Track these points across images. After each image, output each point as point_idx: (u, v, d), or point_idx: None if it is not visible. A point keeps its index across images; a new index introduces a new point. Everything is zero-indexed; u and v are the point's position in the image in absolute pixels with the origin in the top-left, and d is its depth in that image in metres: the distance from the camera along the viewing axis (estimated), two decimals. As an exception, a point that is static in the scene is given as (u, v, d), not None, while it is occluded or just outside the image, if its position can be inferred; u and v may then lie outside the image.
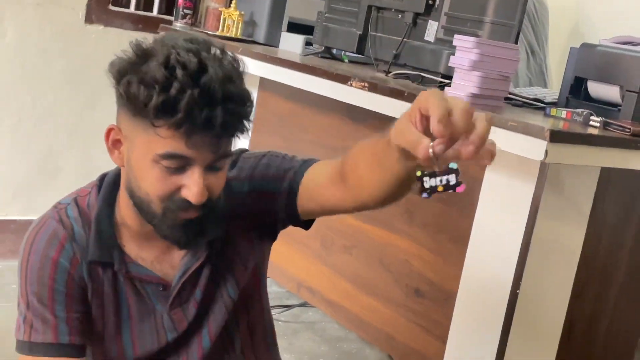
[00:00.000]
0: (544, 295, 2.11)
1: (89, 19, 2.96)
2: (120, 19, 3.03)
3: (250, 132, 2.94)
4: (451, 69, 2.09)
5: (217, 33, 2.85)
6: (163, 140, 1.26)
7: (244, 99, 1.30)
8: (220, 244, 1.50)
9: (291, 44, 2.76)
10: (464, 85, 2.04)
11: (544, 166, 1.96)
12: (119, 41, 3.03)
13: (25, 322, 1.36)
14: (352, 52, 2.64)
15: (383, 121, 2.17)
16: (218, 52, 1.30)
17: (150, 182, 1.31)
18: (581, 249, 2.12)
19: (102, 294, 1.41)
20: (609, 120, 2.01)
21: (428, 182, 1.06)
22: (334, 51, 2.75)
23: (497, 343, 2.07)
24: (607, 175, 2.09)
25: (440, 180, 1.06)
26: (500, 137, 1.86)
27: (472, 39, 2.02)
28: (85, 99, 3.03)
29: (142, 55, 1.27)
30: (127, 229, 1.42)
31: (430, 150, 0.98)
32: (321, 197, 1.45)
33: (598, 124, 2.00)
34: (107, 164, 3.27)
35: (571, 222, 2.11)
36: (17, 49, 2.86)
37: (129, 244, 1.43)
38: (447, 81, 2.15)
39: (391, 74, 2.36)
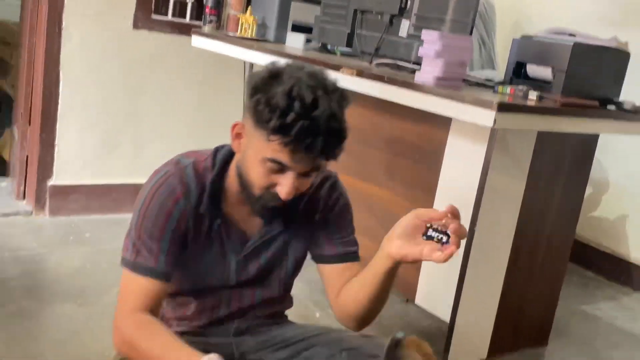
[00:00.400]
0: (494, 232, 2.09)
1: (136, 26, 2.93)
2: (160, 25, 2.99)
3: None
4: (420, 58, 2.05)
5: (237, 34, 2.82)
6: (272, 150, 1.28)
7: (342, 135, 1.31)
8: (294, 226, 1.52)
9: (295, 41, 2.73)
10: (430, 70, 1.99)
11: (493, 131, 1.93)
12: (159, 42, 3.00)
13: (133, 247, 1.34)
14: (343, 47, 2.61)
15: (368, 100, 2.19)
16: (331, 88, 1.30)
17: (256, 174, 1.33)
18: (522, 195, 2.11)
19: (198, 238, 1.42)
20: (543, 94, 1.99)
21: (431, 232, 1.26)
22: (329, 46, 2.72)
23: (459, 268, 2.05)
24: (542, 137, 2.07)
25: (438, 236, 1.26)
26: (459, 110, 1.87)
27: (436, 33, 1.99)
28: (135, 88, 2.99)
29: (273, 78, 1.29)
30: (230, 194, 1.43)
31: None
32: (325, 278, 1.56)
33: (535, 97, 1.97)
34: (154, 139, 3.28)
35: (515, 174, 2.08)
36: (81, 49, 2.83)
37: (228, 204, 1.44)
38: (417, 67, 2.10)
39: (374, 63, 2.33)
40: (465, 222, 1.99)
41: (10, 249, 2.50)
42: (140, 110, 3.03)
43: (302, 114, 1.25)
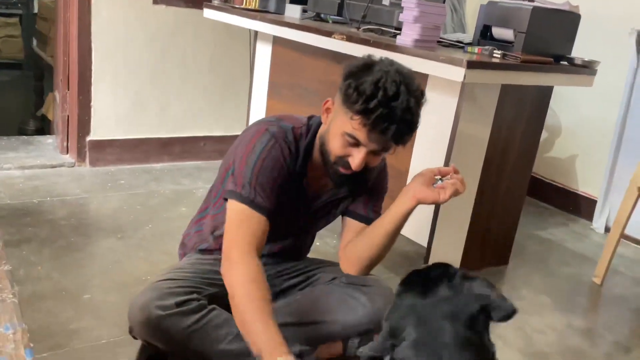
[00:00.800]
0: (464, 170, 2.02)
1: (155, 1, 2.85)
2: (176, 0, 2.92)
3: (269, 72, 2.89)
4: (401, 23, 2.01)
5: (242, 6, 2.75)
6: (352, 127, 1.30)
7: (413, 126, 1.33)
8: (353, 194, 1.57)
9: (292, 11, 2.65)
10: (409, 34, 1.96)
11: (463, 85, 1.91)
12: (176, 15, 2.92)
13: (251, 187, 1.34)
14: (334, 15, 2.55)
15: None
16: (413, 86, 1.31)
17: (335, 144, 1.35)
18: (488, 138, 2.09)
19: (287, 189, 1.43)
20: (506, 53, 1.95)
21: (438, 182, 1.43)
22: (322, 15, 2.65)
23: None
24: (505, 90, 2.04)
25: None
26: (434, 67, 1.84)
27: (414, 1, 1.93)
28: (157, 55, 2.93)
29: (365, 69, 1.31)
30: (313, 157, 1.46)
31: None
32: (345, 229, 1.60)
33: (499, 56, 1.94)
34: (175, 98, 3.24)
35: (481, 121, 2.06)
36: (109, 23, 2.76)
37: (311, 166, 1.47)
38: (398, 32, 2.06)
39: (361, 28, 2.28)
40: (440, 162, 2.01)
41: (58, 195, 2.50)
42: (162, 74, 2.97)
43: (383, 103, 1.26)
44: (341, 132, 1.33)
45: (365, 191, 1.56)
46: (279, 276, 1.58)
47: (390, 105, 1.26)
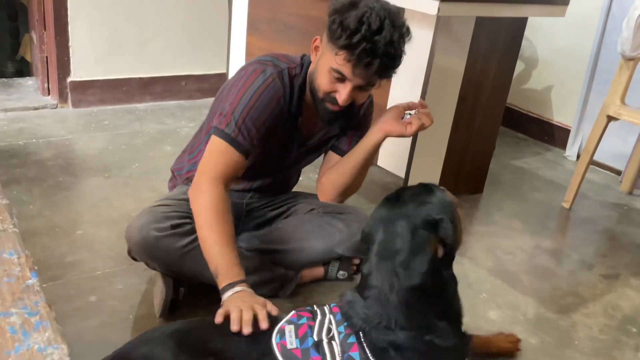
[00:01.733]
0: (440, 102, 2.11)
1: None
2: None
3: (247, 7, 2.86)
4: None
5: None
6: (338, 63, 1.34)
7: (396, 60, 1.37)
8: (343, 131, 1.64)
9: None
10: None
11: (438, 19, 1.93)
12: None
13: (236, 126, 1.38)
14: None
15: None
16: (397, 22, 1.34)
17: (322, 80, 1.39)
18: (464, 70, 2.13)
19: (281, 129, 1.49)
20: (480, -16, 1.97)
21: (406, 116, 1.53)
22: (299, -53, 2.62)
23: None
24: (480, 22, 2.06)
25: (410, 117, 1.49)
26: (408, 1, 1.85)
27: None
28: (134, -7, 2.89)
29: (351, 5, 1.33)
30: (306, 97, 1.50)
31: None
32: (326, 161, 1.69)
33: (473, -12, 1.96)
34: (154, 36, 3.20)
35: (457, 54, 2.09)
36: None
37: (304, 106, 1.52)
38: None
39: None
40: (416, 96, 2.06)
41: (43, 136, 2.53)
42: (141, 12, 2.93)
43: (366, 37, 1.29)
44: (327, 69, 1.38)
45: (353, 127, 1.63)
46: (265, 207, 1.67)
47: (373, 40, 1.30)
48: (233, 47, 2.94)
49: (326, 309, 1.13)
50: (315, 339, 1.06)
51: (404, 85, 2.11)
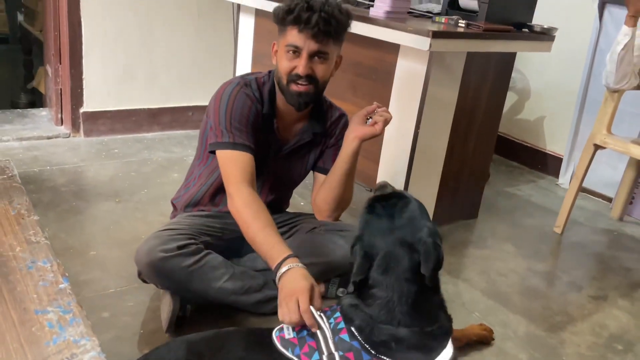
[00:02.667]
0: (434, 131, 2.22)
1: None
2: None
3: (252, 42, 3.01)
4: None
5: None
6: (289, 37, 1.52)
7: (335, 16, 1.52)
8: (316, 143, 1.75)
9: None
10: (381, 6, 2.10)
11: (431, 54, 2.02)
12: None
13: (228, 133, 1.54)
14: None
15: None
16: (331, 1, 1.54)
17: (282, 63, 1.55)
18: (456, 101, 2.23)
19: (259, 130, 1.63)
20: (471, 22, 2.09)
21: (369, 119, 1.66)
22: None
23: (407, 160, 2.19)
24: (471, 56, 2.17)
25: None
26: (403, 37, 1.98)
27: (385, -25, 2.08)
28: (145, 27, 3.03)
29: (289, 1, 1.54)
30: (278, 107, 1.65)
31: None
32: (316, 182, 1.81)
33: (463, 25, 2.08)
34: (164, 69, 3.33)
35: (449, 86, 2.19)
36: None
37: (277, 115, 1.67)
38: (372, 3, 2.21)
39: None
40: (411, 125, 2.18)
41: (56, 164, 2.65)
42: (151, 46, 3.08)
43: (302, 1, 1.50)
44: (283, 50, 1.55)
45: (329, 138, 1.77)
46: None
47: (309, 3, 1.51)
48: (238, 79, 3.08)
49: (319, 311, 1.25)
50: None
51: (400, 114, 2.22)
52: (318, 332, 1.16)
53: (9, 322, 0.78)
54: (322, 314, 1.22)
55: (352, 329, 1.13)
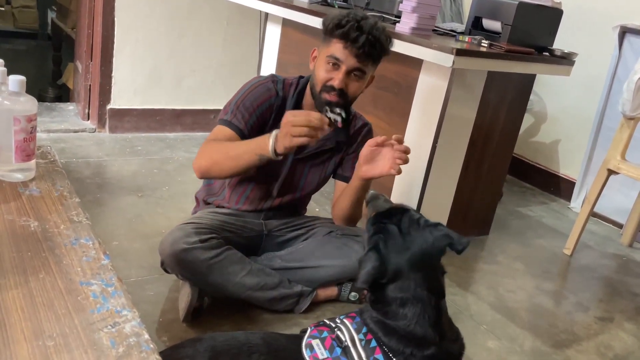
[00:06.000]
0: (451, 148, 2.27)
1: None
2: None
3: (278, 51, 3.09)
4: (400, 12, 2.20)
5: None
6: (333, 48, 1.58)
7: (381, 42, 1.59)
8: (338, 150, 1.79)
9: (302, -5, 2.86)
10: (407, 22, 2.15)
11: (453, 71, 2.08)
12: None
13: (232, 113, 1.63)
14: (340, 1, 2.74)
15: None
16: (379, 22, 1.61)
17: (319, 72, 1.61)
18: (474, 120, 2.28)
19: (266, 122, 1.69)
20: (493, 43, 2.15)
21: (329, 114, 1.54)
22: (329, 0, 2.83)
23: (423, 176, 2.23)
24: (491, 76, 2.23)
25: (334, 118, 1.53)
26: (427, 53, 2.04)
27: (412, -7, 2.14)
28: (175, 31, 3.13)
29: (340, 15, 1.60)
30: (305, 107, 1.71)
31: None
32: (337, 189, 1.84)
33: (486, 45, 2.14)
34: (190, 72, 3.43)
35: (469, 104, 2.25)
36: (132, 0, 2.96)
37: None
38: (398, 19, 2.26)
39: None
40: (429, 139, 2.23)
41: (82, 157, 2.74)
42: (179, 50, 3.18)
43: (353, 20, 1.56)
44: (324, 59, 1.61)
45: (350, 146, 1.81)
46: (283, 227, 1.84)
47: (360, 23, 1.57)
48: (261, 86, 3.16)
49: (338, 320, 1.26)
50: (342, 346, 1.17)
51: (419, 129, 2.29)
52: (352, 350, 1.14)
53: (56, 291, 0.85)
54: (332, 322, 1.23)
55: (385, 349, 1.14)
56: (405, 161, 1.50)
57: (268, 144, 1.43)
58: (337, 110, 1.55)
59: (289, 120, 1.39)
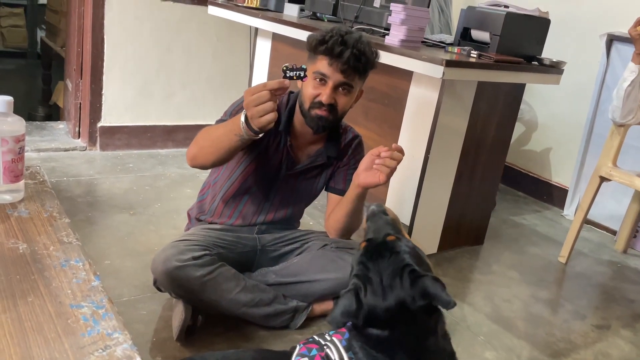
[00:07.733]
0: (443, 158, 2.27)
1: (162, -3, 3.07)
2: (181, -4, 3.13)
3: (268, 65, 3.10)
4: (389, 24, 2.21)
5: (244, 4, 2.96)
6: (319, 65, 1.59)
7: (366, 55, 1.59)
8: (334, 162, 1.79)
9: (291, 10, 2.84)
10: (396, 34, 2.16)
11: (443, 82, 2.09)
12: (182, 11, 3.12)
13: (229, 115, 1.65)
14: (329, 15, 2.75)
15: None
16: (365, 39, 1.61)
17: (307, 90, 1.62)
18: (466, 130, 2.29)
19: (269, 146, 1.71)
20: (482, 53, 2.15)
21: (289, 73, 1.38)
22: (318, 14, 2.85)
23: (417, 185, 2.24)
24: (481, 86, 2.24)
25: (297, 73, 1.37)
26: (417, 65, 2.05)
27: (401, 5, 2.15)
28: (164, 48, 3.13)
29: (324, 31, 1.60)
30: (295, 126, 1.71)
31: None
32: (329, 202, 1.84)
33: (475, 56, 2.15)
34: (180, 88, 3.43)
35: (460, 114, 2.26)
36: (121, 16, 2.96)
37: (293, 134, 1.72)
38: (387, 32, 2.26)
39: (353, 28, 2.49)
40: (421, 150, 2.24)
41: (73, 175, 2.71)
42: (168, 66, 3.18)
43: (337, 35, 1.57)
44: (310, 75, 1.61)
45: (341, 159, 1.81)
46: (277, 242, 1.82)
47: (344, 37, 1.58)
48: (252, 100, 3.16)
49: (327, 337, 1.21)
50: None
51: (411, 139, 2.29)
52: None
53: (46, 314, 0.83)
54: (321, 338, 1.18)
55: None
56: (391, 166, 1.52)
57: (239, 124, 1.44)
58: (295, 67, 1.47)
59: (248, 100, 1.38)
